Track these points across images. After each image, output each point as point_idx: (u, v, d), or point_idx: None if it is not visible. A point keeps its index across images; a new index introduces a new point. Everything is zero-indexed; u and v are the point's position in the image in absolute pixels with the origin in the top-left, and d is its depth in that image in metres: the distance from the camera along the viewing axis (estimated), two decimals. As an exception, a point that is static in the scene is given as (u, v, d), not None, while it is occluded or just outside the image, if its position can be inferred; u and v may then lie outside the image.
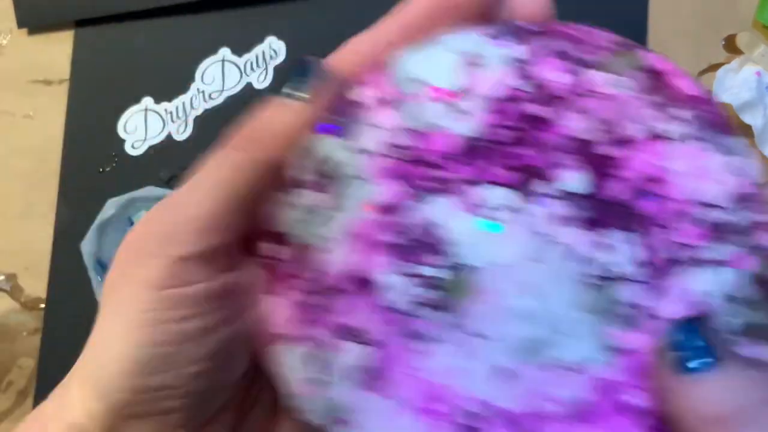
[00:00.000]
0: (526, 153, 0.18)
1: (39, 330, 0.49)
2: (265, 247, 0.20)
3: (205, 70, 0.50)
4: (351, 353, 0.18)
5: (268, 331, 0.19)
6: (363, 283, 0.18)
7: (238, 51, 0.49)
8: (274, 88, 0.49)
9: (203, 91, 0.49)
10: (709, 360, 0.16)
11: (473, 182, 0.18)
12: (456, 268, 0.18)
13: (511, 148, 0.18)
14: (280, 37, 0.49)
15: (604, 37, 0.19)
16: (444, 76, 0.18)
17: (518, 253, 0.17)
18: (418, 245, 0.18)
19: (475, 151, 0.18)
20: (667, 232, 0.17)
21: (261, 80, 0.49)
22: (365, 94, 0.19)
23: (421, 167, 0.18)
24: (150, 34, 0.50)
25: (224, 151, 0.20)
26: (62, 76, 0.51)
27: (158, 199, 0.47)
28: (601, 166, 0.18)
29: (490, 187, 0.18)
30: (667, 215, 0.17)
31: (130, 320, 0.18)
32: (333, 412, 0.18)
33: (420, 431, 0.17)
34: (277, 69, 0.49)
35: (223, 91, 0.49)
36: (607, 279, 0.17)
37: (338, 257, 0.18)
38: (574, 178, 0.18)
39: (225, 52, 0.50)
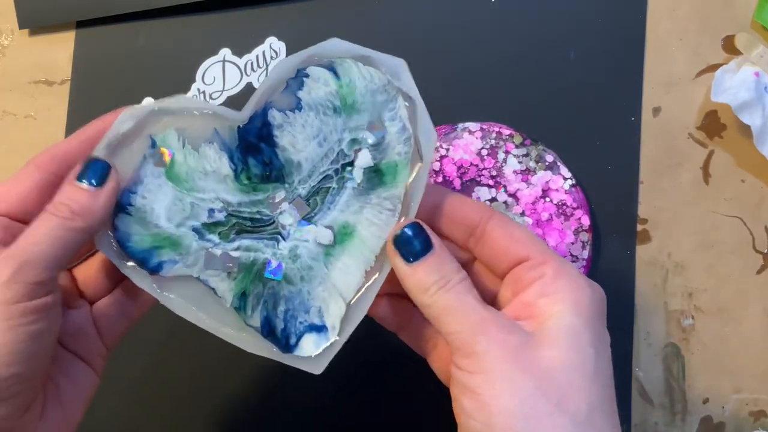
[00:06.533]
0: None
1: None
2: None
3: (206, 70, 0.50)
4: None
5: None
6: None
7: (239, 51, 0.50)
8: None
9: (204, 92, 0.50)
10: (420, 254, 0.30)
11: None
12: None
13: None
14: (280, 37, 0.50)
15: None
16: None
17: None
18: None
19: None
20: None
21: (261, 80, 0.49)
22: None
23: None
24: (151, 35, 0.50)
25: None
26: (64, 76, 0.51)
27: (197, 111, 0.33)
28: None
29: None
30: None
31: None
32: None
33: None
34: (277, 69, 0.49)
35: (223, 91, 0.50)
36: None
37: None
38: None
39: (225, 52, 0.50)
